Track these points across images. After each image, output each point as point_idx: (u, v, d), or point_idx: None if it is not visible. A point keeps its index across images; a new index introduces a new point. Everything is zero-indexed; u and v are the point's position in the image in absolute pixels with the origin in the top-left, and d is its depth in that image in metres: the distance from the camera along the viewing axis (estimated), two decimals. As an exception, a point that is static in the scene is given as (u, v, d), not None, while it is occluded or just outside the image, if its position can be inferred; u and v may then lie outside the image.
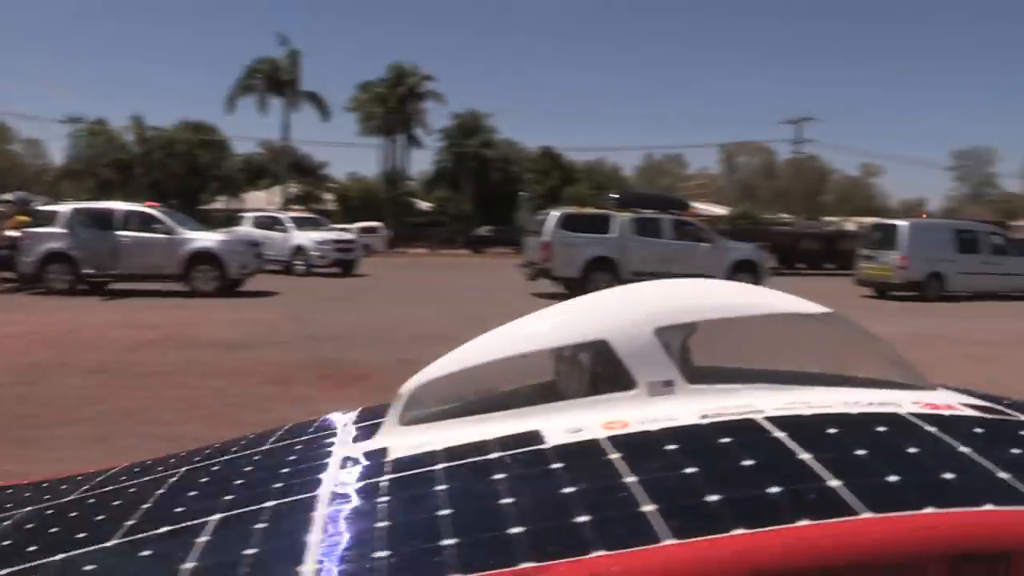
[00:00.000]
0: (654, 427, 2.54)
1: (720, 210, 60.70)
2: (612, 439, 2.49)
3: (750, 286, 3.19)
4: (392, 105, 55.83)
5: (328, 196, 59.13)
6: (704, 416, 2.58)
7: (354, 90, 58.39)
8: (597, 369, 2.85)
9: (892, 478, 2.13)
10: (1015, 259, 21.46)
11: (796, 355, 3.12)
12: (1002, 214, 70.24)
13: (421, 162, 75.21)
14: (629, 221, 18.47)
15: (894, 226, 21.06)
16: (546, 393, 2.98)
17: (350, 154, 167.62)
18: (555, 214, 18.73)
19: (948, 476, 2.15)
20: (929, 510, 1.94)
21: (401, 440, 2.79)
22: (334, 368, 8.66)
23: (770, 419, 2.54)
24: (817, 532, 1.89)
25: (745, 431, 2.49)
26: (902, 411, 2.63)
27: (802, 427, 2.49)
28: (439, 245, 48.54)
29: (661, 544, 1.85)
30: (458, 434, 2.70)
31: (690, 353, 2.86)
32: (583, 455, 2.44)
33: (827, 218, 60.23)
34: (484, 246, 47.58)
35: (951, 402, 2.74)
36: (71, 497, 3.04)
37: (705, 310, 2.98)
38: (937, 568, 1.86)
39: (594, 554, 1.84)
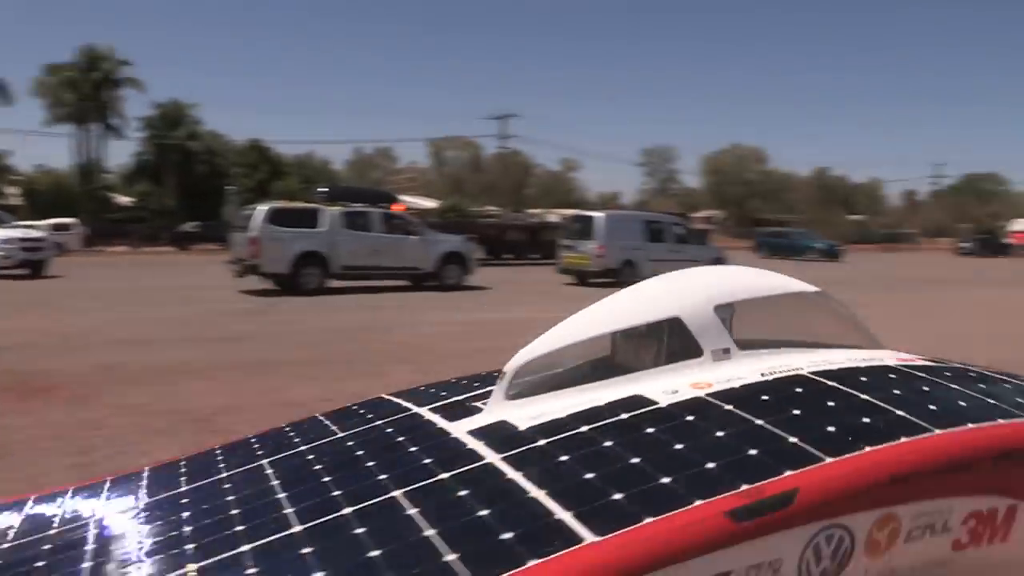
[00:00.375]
0: (736, 384, 3.13)
1: (430, 203, 61.76)
2: (712, 395, 3.03)
3: (767, 271, 3.92)
4: (85, 91, 51.94)
5: (12, 190, 54.10)
6: (763, 374, 3.22)
7: (40, 73, 53.80)
8: (670, 341, 3.35)
9: (932, 407, 2.92)
10: (694, 247, 23.70)
11: (795, 325, 3.78)
12: (684, 206, 76.70)
13: (120, 154, 70.56)
14: (338, 215, 18.36)
15: (591, 218, 22.43)
16: (611, 366, 3.48)
17: (37, 144, 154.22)
18: (263, 209, 18.20)
19: (962, 403, 3.01)
20: (970, 426, 2.76)
21: (514, 412, 3.16)
22: (18, 379, 8.00)
23: (814, 373, 3.23)
24: (918, 445, 2.60)
25: (806, 383, 3.16)
26: (891, 363, 3.46)
27: (842, 377, 3.20)
28: (141, 242, 45.68)
29: (826, 462, 2.45)
30: (564, 404, 3.12)
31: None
32: (703, 409, 2.94)
33: (531, 210, 62.87)
34: (190, 243, 45.47)
35: (911, 357, 3.55)
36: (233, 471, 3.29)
37: (747, 290, 3.62)
38: (984, 464, 2.67)
39: (787, 474, 2.39)
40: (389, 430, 3.43)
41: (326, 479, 3.00)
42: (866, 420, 2.76)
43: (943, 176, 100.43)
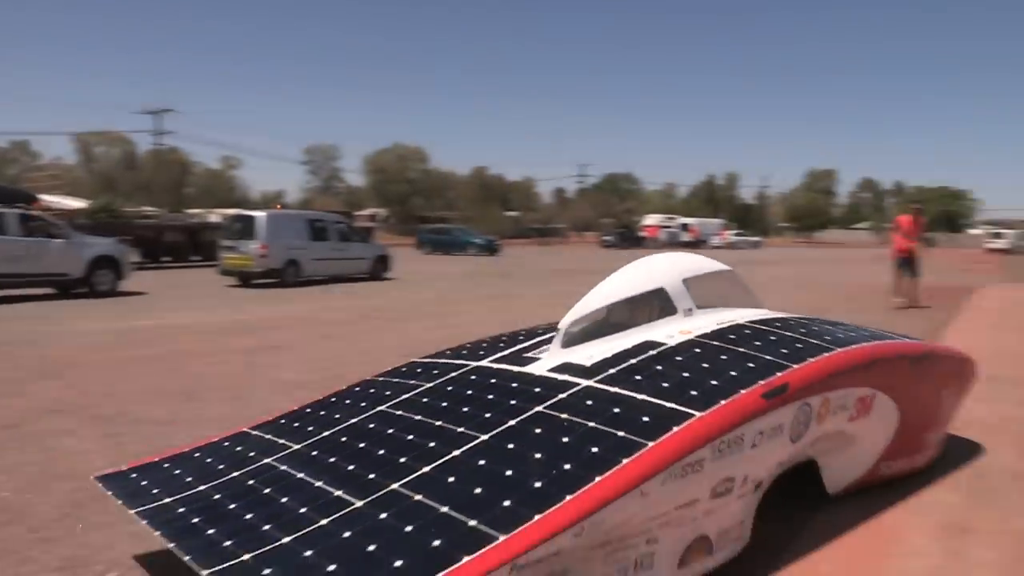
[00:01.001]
0: (708, 330, 4.62)
1: (77, 203, 57.20)
2: (698, 337, 4.50)
3: (704, 257, 5.44)
4: None
5: None
6: (719, 324, 4.76)
7: None
8: (659, 304, 4.84)
9: (827, 337, 4.66)
10: (358, 245, 24.06)
11: (713, 292, 5.31)
12: (348, 205, 77.04)
13: None
14: (-34, 218, 16.58)
15: (252, 217, 21.87)
16: (610, 324, 4.78)
17: None
18: None
19: (840, 335, 4.78)
20: (852, 347, 4.48)
21: (571, 355, 4.41)
22: None
23: (750, 322, 4.87)
24: (833, 357, 4.27)
25: (750, 327, 4.75)
26: (783, 315, 5.24)
27: (767, 324, 4.88)
28: None
29: (793, 368, 4.02)
30: (603, 348, 4.43)
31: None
32: (699, 345, 4.39)
33: (191, 210, 60.28)
34: None
35: (785, 313, 5.38)
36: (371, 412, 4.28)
37: (697, 269, 5.16)
38: (863, 368, 4.37)
39: (774, 376, 3.91)
40: (474, 377, 4.43)
41: (465, 409, 3.97)
42: (799, 346, 4.42)
43: (587, 175, 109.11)
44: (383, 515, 3.10)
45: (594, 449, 3.31)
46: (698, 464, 3.36)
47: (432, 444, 3.60)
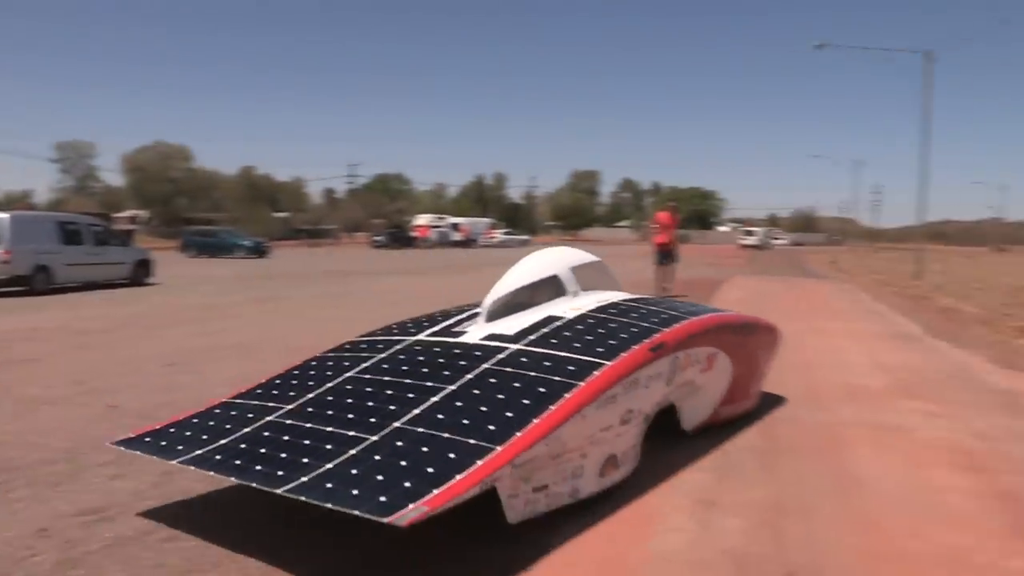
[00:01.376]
0: (592, 307, 5.78)
1: None
2: (589, 312, 5.65)
3: (583, 251, 6.78)
4: None
5: None
6: (599, 302, 5.94)
7: None
8: (554, 287, 6.07)
9: (682, 310, 6.12)
10: (117, 249, 22.70)
11: (589, 278, 6.52)
12: (106, 206, 72.76)
13: None
14: None
15: (-5, 219, 20.13)
16: (516, 304, 5.79)
17: None
18: None
19: (690, 308, 6.29)
20: (708, 315, 6.11)
21: (495, 327, 5.40)
22: None
23: (624, 301, 6.06)
24: (689, 323, 5.64)
25: (625, 303, 5.99)
26: (640, 296, 6.68)
27: (637, 302, 6.15)
28: None
29: (664, 331, 5.34)
30: (519, 322, 5.44)
31: None
32: (590, 317, 5.52)
33: (-79, 212, 54.86)
34: None
35: (637, 295, 6.72)
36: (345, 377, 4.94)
37: (580, 260, 6.47)
38: (709, 332, 5.78)
39: (653, 336, 5.20)
40: (418, 348, 5.18)
41: (424, 370, 4.71)
42: (663, 316, 5.66)
43: (358, 176, 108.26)
44: (399, 443, 3.90)
45: (541, 389, 4.35)
46: (613, 398, 4.49)
47: (411, 395, 4.40)
